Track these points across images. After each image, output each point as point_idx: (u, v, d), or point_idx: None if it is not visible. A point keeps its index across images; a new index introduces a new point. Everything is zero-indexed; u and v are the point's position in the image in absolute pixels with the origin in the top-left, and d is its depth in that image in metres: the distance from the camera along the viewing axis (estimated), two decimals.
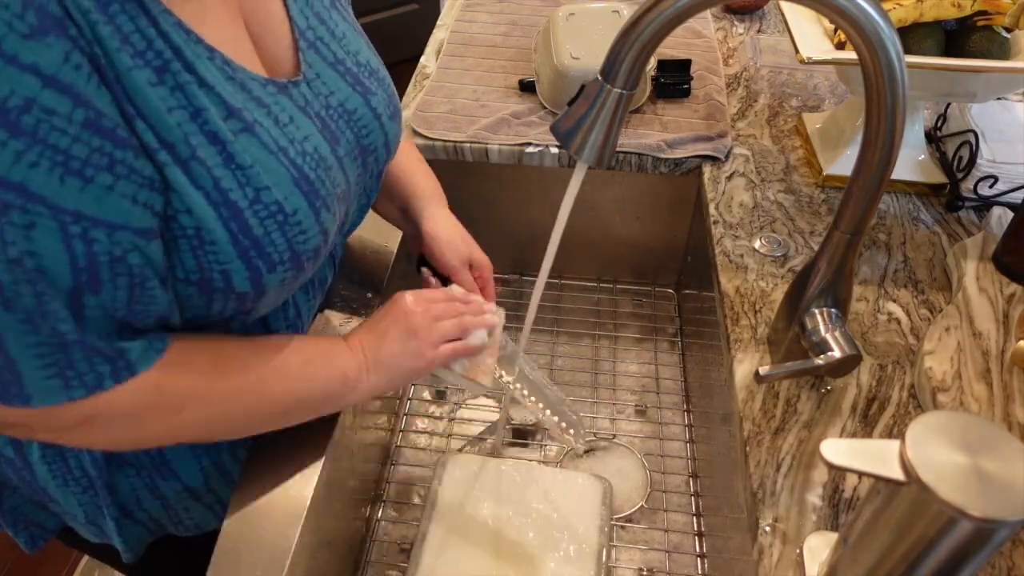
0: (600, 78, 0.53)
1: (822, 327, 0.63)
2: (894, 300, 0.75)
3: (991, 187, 0.86)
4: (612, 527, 0.83)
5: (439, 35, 1.21)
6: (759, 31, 1.24)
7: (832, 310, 0.63)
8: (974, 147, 0.87)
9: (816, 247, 0.70)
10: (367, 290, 0.79)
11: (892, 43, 0.47)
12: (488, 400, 1.01)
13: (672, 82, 1.04)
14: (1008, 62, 0.78)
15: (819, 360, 0.61)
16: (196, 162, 0.45)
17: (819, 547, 0.55)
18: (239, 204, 0.47)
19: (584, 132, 0.55)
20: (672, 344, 1.08)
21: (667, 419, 0.98)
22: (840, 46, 0.80)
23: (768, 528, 0.58)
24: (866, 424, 0.64)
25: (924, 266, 0.79)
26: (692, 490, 0.90)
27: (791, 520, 0.58)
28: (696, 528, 0.86)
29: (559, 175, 1.01)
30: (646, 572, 0.82)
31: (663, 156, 0.96)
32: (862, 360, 0.62)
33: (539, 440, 0.96)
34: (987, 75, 0.78)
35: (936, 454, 0.39)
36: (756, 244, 0.82)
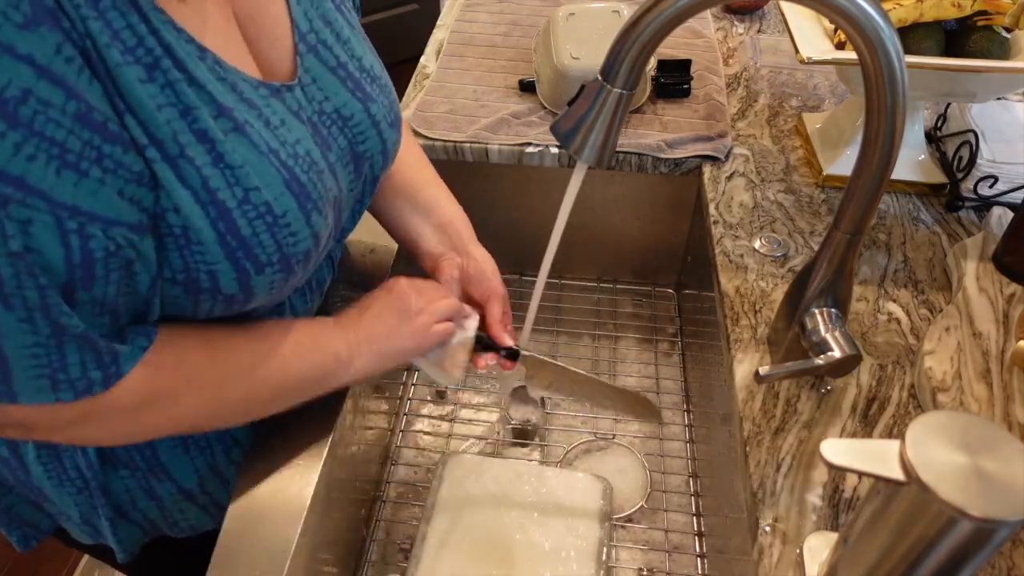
0: (600, 78, 0.53)
1: (822, 327, 0.63)
2: (894, 300, 0.75)
3: (991, 187, 0.86)
4: (612, 527, 0.83)
5: (439, 35, 1.21)
6: (759, 31, 1.24)
7: (832, 310, 0.63)
8: (974, 147, 0.87)
9: (816, 247, 0.70)
10: (367, 291, 0.79)
11: (892, 43, 0.47)
12: (488, 400, 1.01)
13: (672, 82, 1.04)
14: (1008, 62, 0.78)
15: (819, 360, 0.61)
16: (184, 160, 0.44)
17: (819, 547, 0.55)
18: (227, 204, 0.46)
19: (584, 132, 0.55)
20: (672, 344, 1.08)
21: (667, 419, 0.98)
22: (840, 46, 0.80)
23: (768, 528, 0.58)
24: (866, 424, 0.64)
25: (924, 266, 0.79)
26: (692, 490, 0.90)
27: (791, 520, 0.58)
28: (696, 528, 0.86)
29: (559, 175, 1.01)
30: (646, 572, 0.82)
31: (663, 156, 0.96)
32: (862, 360, 0.62)
33: (539, 440, 0.96)
34: (987, 75, 0.78)
35: (936, 454, 0.39)
36: (756, 244, 0.82)
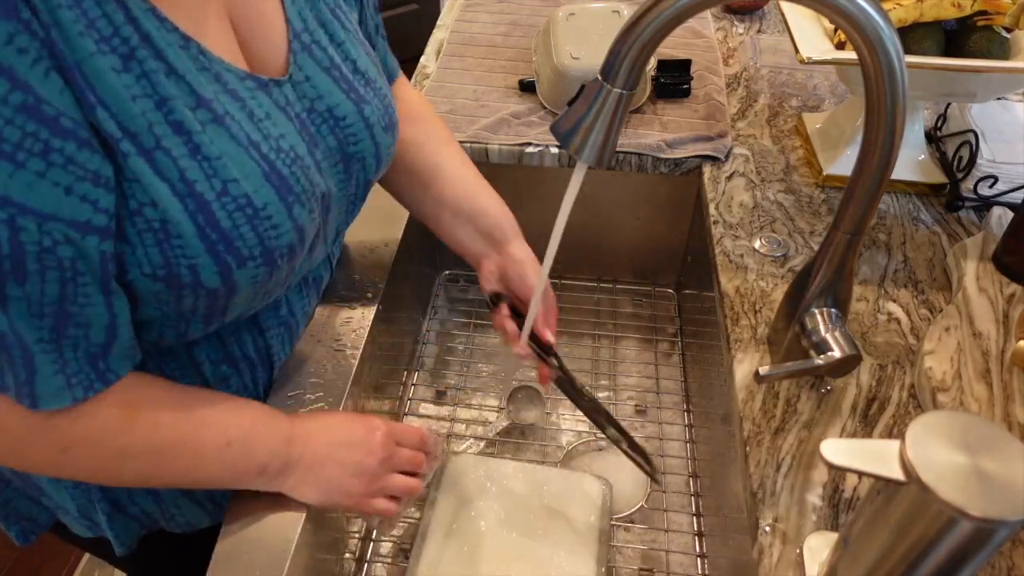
0: (600, 78, 0.53)
1: (822, 327, 0.63)
2: (894, 300, 0.75)
3: (991, 187, 0.86)
4: (612, 527, 0.83)
5: (439, 35, 1.21)
6: (759, 31, 1.24)
7: (832, 310, 0.63)
8: (974, 147, 0.87)
9: (816, 247, 0.70)
10: (367, 290, 0.79)
11: (892, 43, 0.47)
12: (488, 400, 1.01)
13: (672, 82, 1.04)
14: (1008, 62, 0.78)
15: (819, 360, 0.61)
16: (161, 152, 0.44)
17: (819, 547, 0.55)
18: (206, 196, 0.46)
19: (584, 132, 0.54)
20: (672, 344, 1.08)
21: (667, 419, 0.98)
22: (840, 46, 0.80)
23: (768, 528, 0.58)
24: (866, 424, 0.64)
25: (924, 266, 0.79)
26: (692, 490, 0.90)
27: (791, 520, 0.58)
28: (696, 528, 0.86)
29: (559, 175, 1.01)
30: (646, 572, 0.82)
31: (663, 156, 0.96)
32: (862, 360, 0.62)
33: (539, 440, 0.96)
34: (987, 75, 0.78)
35: (936, 454, 0.39)
36: (756, 244, 0.82)
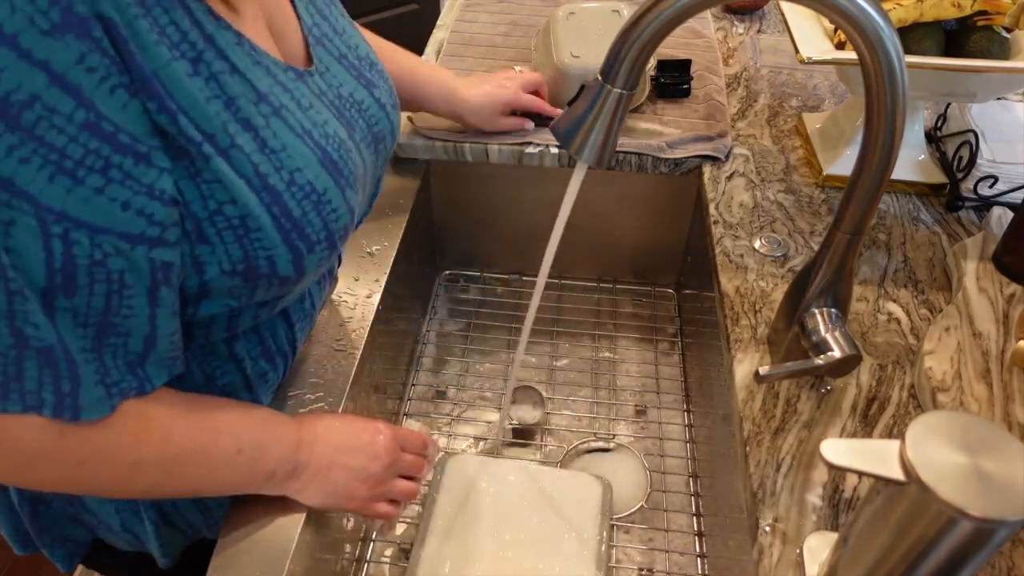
0: (600, 78, 0.53)
1: (822, 327, 0.63)
2: (894, 300, 0.75)
3: (991, 187, 0.86)
4: (612, 527, 0.83)
5: (439, 35, 1.21)
6: (759, 31, 1.24)
7: (832, 310, 0.63)
8: (974, 147, 0.87)
9: (816, 247, 0.70)
10: (367, 290, 0.79)
11: (892, 43, 0.47)
12: (488, 400, 1.01)
13: (672, 82, 1.04)
14: (1008, 62, 0.78)
15: (819, 360, 0.61)
16: (236, 150, 0.45)
17: (819, 547, 0.55)
18: (278, 188, 0.48)
19: (584, 132, 0.55)
20: (672, 344, 1.08)
21: (667, 419, 0.98)
22: (840, 46, 0.80)
23: (768, 528, 0.58)
24: (866, 424, 0.64)
25: (924, 266, 0.79)
26: (692, 490, 0.90)
27: (791, 520, 0.58)
28: (696, 528, 0.86)
29: (559, 175, 1.01)
30: (646, 572, 0.82)
31: (663, 156, 0.95)
32: (862, 360, 0.62)
33: (539, 440, 0.96)
34: (987, 75, 0.78)
35: (936, 454, 0.39)
36: (756, 244, 0.82)
